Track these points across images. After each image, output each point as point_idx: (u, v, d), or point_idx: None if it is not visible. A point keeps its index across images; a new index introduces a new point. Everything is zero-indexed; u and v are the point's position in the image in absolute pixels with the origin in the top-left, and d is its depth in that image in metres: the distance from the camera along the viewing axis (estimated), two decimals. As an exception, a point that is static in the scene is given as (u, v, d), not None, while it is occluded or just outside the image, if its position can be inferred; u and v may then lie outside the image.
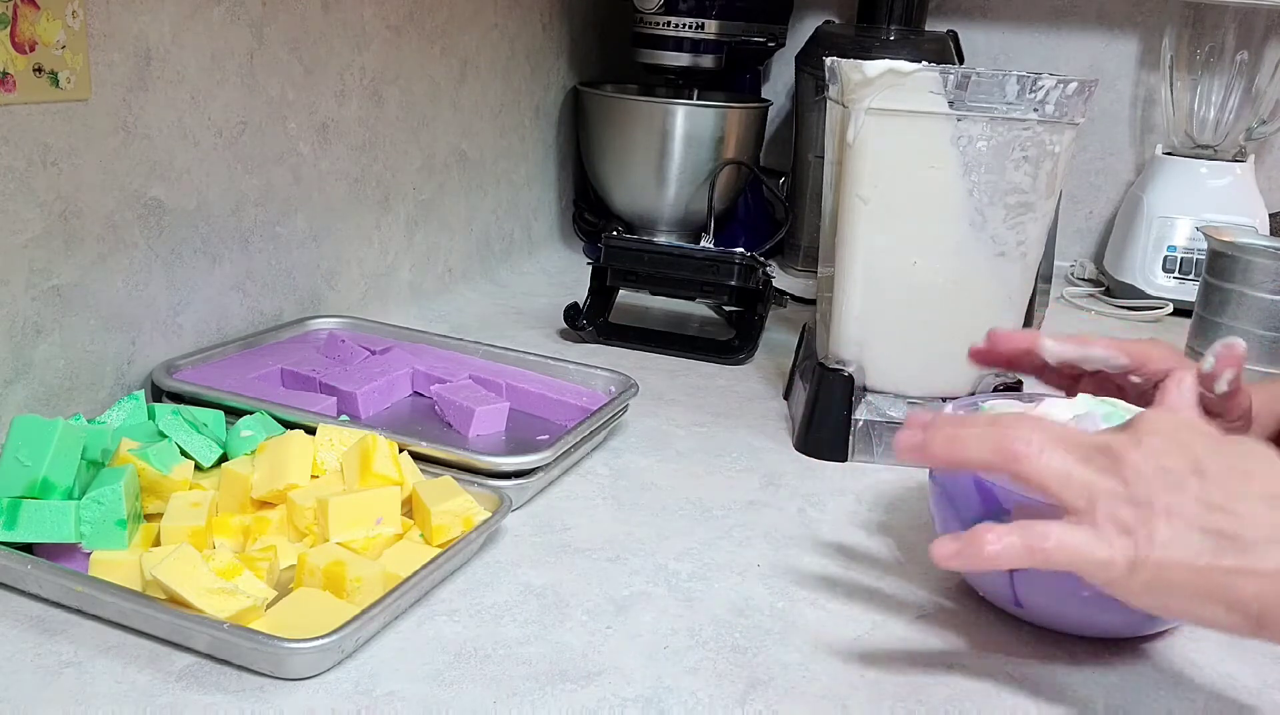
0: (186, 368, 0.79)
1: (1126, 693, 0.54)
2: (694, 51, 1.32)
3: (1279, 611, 0.42)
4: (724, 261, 1.01)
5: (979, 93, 0.72)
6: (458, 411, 0.78)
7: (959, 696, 0.53)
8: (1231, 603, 0.42)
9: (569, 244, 1.43)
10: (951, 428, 0.49)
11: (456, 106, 1.14)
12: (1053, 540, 0.45)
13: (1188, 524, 0.43)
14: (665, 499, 0.72)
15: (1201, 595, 0.43)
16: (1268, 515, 0.43)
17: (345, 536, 0.59)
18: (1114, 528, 0.44)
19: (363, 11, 0.97)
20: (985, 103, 0.72)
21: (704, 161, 1.31)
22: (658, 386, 0.93)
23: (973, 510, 0.58)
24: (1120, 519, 0.44)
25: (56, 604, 0.54)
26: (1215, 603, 0.43)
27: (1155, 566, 0.43)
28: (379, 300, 1.06)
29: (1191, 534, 0.43)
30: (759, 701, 0.51)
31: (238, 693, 0.49)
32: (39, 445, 0.55)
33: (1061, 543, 0.45)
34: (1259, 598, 0.42)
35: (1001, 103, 0.72)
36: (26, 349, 0.70)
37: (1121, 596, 0.45)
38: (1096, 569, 0.45)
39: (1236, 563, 0.42)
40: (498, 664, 0.52)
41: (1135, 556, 0.44)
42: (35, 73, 0.67)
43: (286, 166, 0.91)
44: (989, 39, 1.44)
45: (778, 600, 0.60)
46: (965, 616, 0.60)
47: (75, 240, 0.72)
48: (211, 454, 0.66)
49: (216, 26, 0.81)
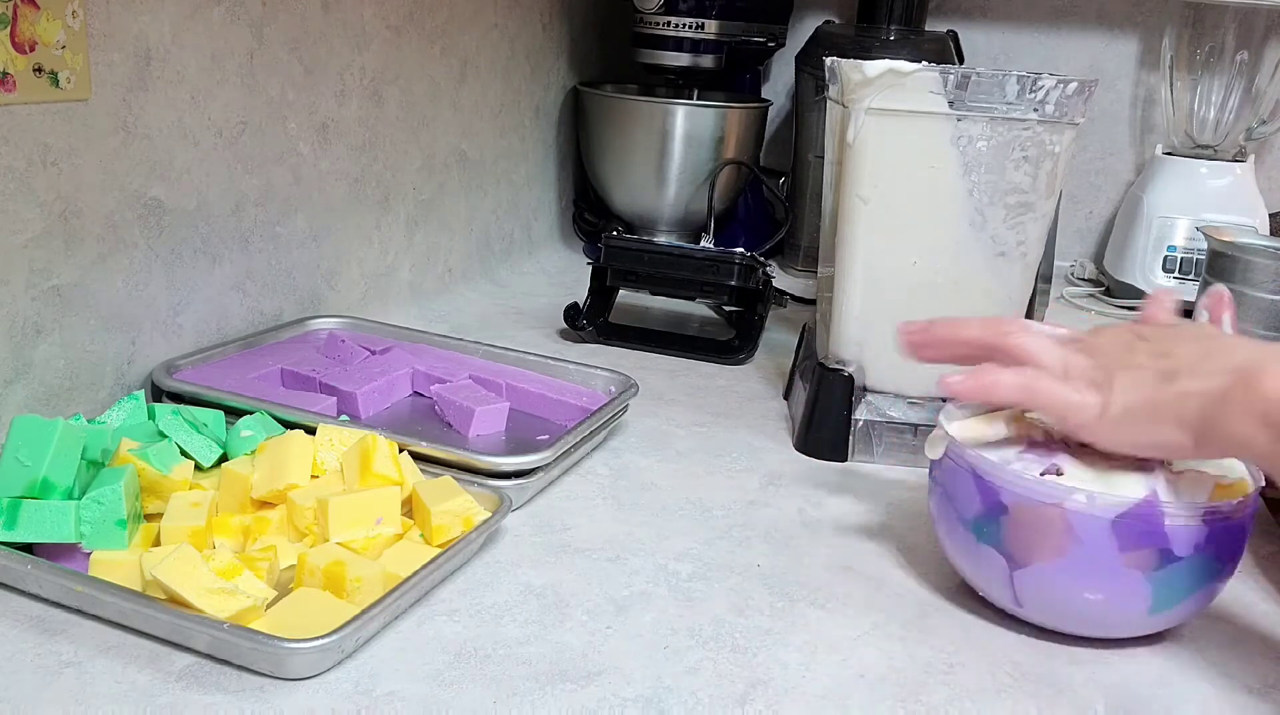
0: (186, 368, 0.79)
1: (1126, 693, 0.54)
2: (694, 51, 1.32)
3: (1211, 421, 0.50)
4: (724, 261, 1.01)
5: (979, 93, 0.72)
6: (458, 411, 0.78)
7: (959, 696, 0.53)
8: (1180, 420, 0.52)
9: (569, 244, 1.43)
10: (949, 320, 0.61)
11: (456, 106, 1.14)
12: (1043, 382, 0.56)
13: (1141, 372, 0.54)
14: (665, 499, 0.72)
15: (1158, 420, 0.52)
16: (1195, 349, 0.54)
17: (345, 536, 0.59)
18: (1086, 383, 0.55)
19: (363, 11, 0.97)
20: (985, 103, 0.72)
21: (704, 161, 1.31)
22: (658, 386, 0.93)
23: (973, 508, 0.58)
24: (1091, 379, 0.55)
25: (56, 604, 0.54)
26: (1168, 423, 0.52)
27: (1120, 406, 0.54)
28: (379, 300, 1.06)
29: (1145, 378, 0.54)
30: (759, 701, 0.51)
31: (238, 693, 0.49)
32: (39, 445, 0.55)
33: (1049, 386, 0.56)
34: (1199, 411, 0.51)
35: (1001, 103, 0.72)
36: (26, 349, 0.70)
37: (1094, 436, 0.55)
38: (1074, 409, 0.55)
39: (1179, 387, 0.52)
40: (498, 664, 0.52)
41: (1103, 401, 0.54)
42: (35, 73, 0.67)
43: (286, 166, 0.91)
44: (989, 39, 1.44)
45: (778, 600, 0.60)
46: (965, 616, 0.60)
47: (75, 240, 0.72)
48: (211, 454, 0.66)
49: (216, 26, 0.81)
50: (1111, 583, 0.55)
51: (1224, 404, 0.50)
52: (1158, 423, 0.52)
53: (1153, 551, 0.54)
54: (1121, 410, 0.54)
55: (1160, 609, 0.56)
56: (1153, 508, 0.54)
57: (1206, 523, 0.54)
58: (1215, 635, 0.60)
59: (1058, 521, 0.55)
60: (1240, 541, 0.57)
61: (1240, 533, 0.56)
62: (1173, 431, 0.52)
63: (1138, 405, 0.53)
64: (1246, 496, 0.55)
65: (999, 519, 0.57)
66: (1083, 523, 0.54)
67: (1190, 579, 0.55)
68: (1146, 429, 0.53)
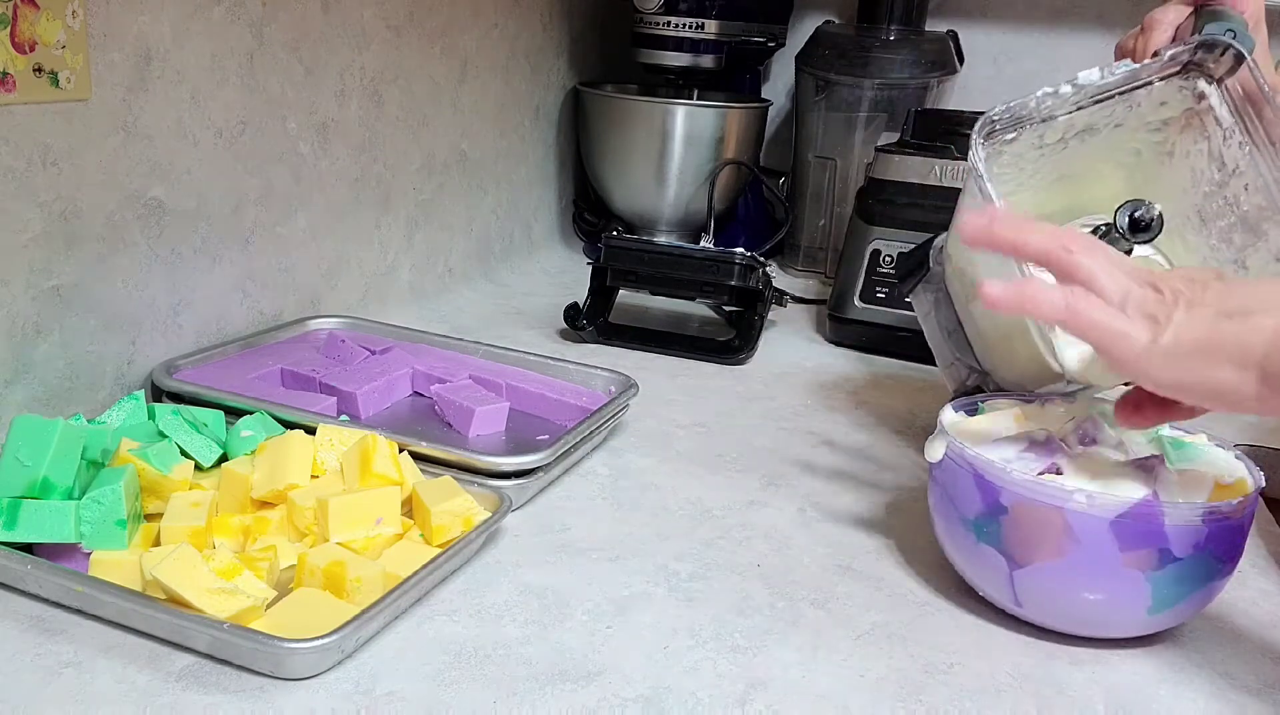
0: (186, 368, 0.79)
1: (1126, 693, 0.54)
2: (694, 51, 1.32)
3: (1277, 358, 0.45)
4: (724, 261, 1.01)
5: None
6: (458, 411, 0.78)
7: (959, 696, 0.53)
8: (1240, 359, 0.46)
9: (569, 244, 1.43)
10: (1015, 220, 0.54)
11: (456, 106, 1.14)
12: (1089, 305, 0.50)
13: (1204, 310, 0.48)
14: (665, 499, 0.72)
15: (1213, 358, 0.47)
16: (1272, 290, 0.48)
17: (345, 536, 0.59)
18: (1140, 315, 0.50)
19: (363, 11, 0.97)
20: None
21: (704, 161, 1.31)
22: (658, 386, 0.93)
23: (974, 508, 0.58)
24: (1148, 311, 0.50)
25: (56, 604, 0.54)
26: (1225, 362, 0.47)
27: (1171, 340, 0.48)
28: (379, 300, 1.06)
29: (1206, 315, 0.48)
30: (759, 701, 0.51)
31: (238, 693, 0.49)
32: (39, 445, 0.55)
33: (1095, 310, 0.50)
34: (1264, 347, 0.46)
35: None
36: (26, 349, 0.70)
37: (1140, 372, 0.50)
38: (1116, 338, 0.50)
39: (1245, 325, 0.47)
40: (498, 664, 0.52)
41: (1153, 337, 0.49)
42: (35, 73, 0.67)
43: (286, 166, 0.91)
44: (989, 39, 1.44)
45: (778, 600, 0.60)
46: (965, 616, 0.60)
47: (75, 240, 0.72)
48: (211, 454, 0.66)
49: (216, 26, 0.81)
50: (1111, 583, 0.55)
51: None
52: (1215, 362, 0.47)
53: (1152, 551, 0.54)
54: (1171, 345, 0.48)
55: (1160, 609, 0.56)
56: (1152, 508, 0.54)
57: (1206, 523, 0.54)
58: (1215, 635, 0.60)
59: (1057, 521, 0.55)
60: (1240, 541, 0.57)
61: (1240, 533, 0.56)
62: (1232, 373, 0.47)
63: (1190, 340, 0.48)
64: (1246, 496, 0.55)
65: (999, 519, 0.57)
66: (1082, 523, 0.54)
67: (1190, 579, 0.55)
68: (1198, 366, 0.48)
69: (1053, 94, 0.67)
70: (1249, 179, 0.68)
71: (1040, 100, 0.67)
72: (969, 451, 0.58)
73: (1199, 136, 0.70)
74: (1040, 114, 0.68)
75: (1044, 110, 0.68)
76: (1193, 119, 0.70)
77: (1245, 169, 0.68)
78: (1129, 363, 0.50)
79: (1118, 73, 0.67)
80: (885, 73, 1.27)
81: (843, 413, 0.90)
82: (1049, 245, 0.52)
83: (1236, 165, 0.68)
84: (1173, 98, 0.70)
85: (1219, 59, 0.67)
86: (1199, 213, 0.71)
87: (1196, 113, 0.70)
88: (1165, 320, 0.49)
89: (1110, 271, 0.51)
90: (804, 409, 0.91)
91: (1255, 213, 0.68)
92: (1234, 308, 0.48)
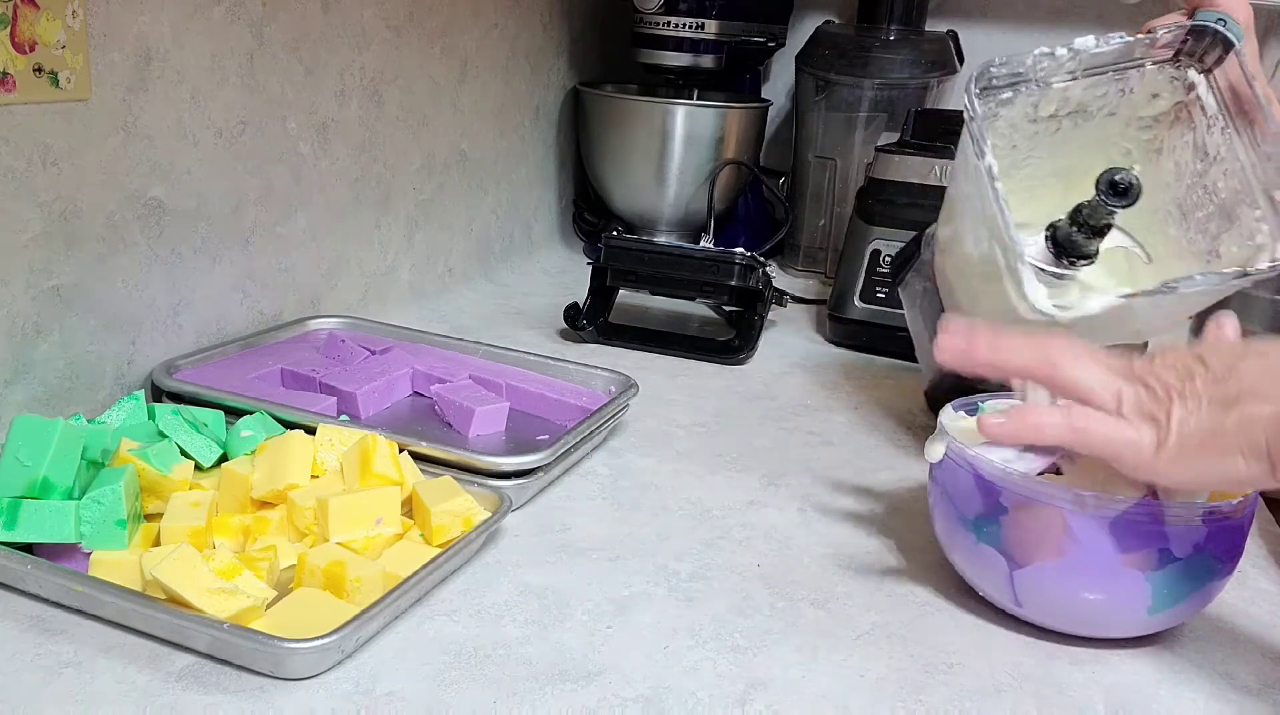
0: (186, 368, 0.79)
1: (1126, 693, 0.54)
2: (694, 51, 1.32)
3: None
4: (724, 261, 1.01)
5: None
6: (458, 411, 0.78)
7: (959, 696, 0.53)
8: (1248, 449, 0.48)
9: (569, 244, 1.43)
10: (992, 336, 0.55)
11: (456, 106, 1.14)
12: (1092, 423, 0.52)
13: (1199, 400, 0.50)
14: (665, 499, 0.72)
15: (1222, 451, 0.49)
16: (1258, 367, 0.49)
17: (345, 536, 0.59)
18: (1140, 418, 0.51)
19: (363, 11, 0.97)
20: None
21: (704, 161, 1.31)
22: (658, 386, 0.93)
23: (973, 508, 0.58)
24: (1145, 411, 0.51)
25: (56, 604, 0.54)
26: (1235, 454, 0.48)
27: (1177, 440, 0.50)
28: (379, 300, 1.06)
29: (1203, 406, 0.49)
30: (759, 701, 0.51)
31: (238, 693, 0.49)
32: (39, 445, 0.55)
33: (1099, 426, 0.52)
34: (1266, 437, 0.47)
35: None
36: (26, 349, 0.70)
37: (1155, 475, 0.51)
38: (1127, 448, 0.51)
39: (1242, 413, 0.48)
40: (498, 664, 0.52)
41: (1159, 436, 0.50)
42: (35, 73, 0.67)
43: (286, 166, 0.91)
44: (989, 39, 1.44)
45: (778, 600, 0.60)
46: (965, 616, 0.60)
47: (75, 240, 0.72)
48: (211, 454, 0.66)
49: (216, 26, 0.81)
50: (1111, 583, 0.55)
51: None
52: (1225, 455, 0.48)
53: (1152, 551, 0.54)
54: (1178, 445, 0.50)
55: (1160, 609, 0.56)
56: (1152, 508, 0.54)
57: (1206, 523, 0.54)
58: (1215, 635, 0.60)
59: (1057, 522, 0.55)
60: (1240, 541, 0.57)
61: (1240, 533, 0.56)
62: (1243, 464, 0.48)
63: (1196, 437, 0.49)
64: (1246, 496, 0.55)
65: (999, 519, 0.57)
66: (1082, 523, 0.54)
67: (1190, 579, 0.55)
68: (1210, 462, 0.49)
69: (1049, 55, 0.68)
70: (1227, 165, 0.69)
71: (1037, 59, 0.68)
72: (969, 451, 0.58)
73: (1186, 129, 0.72)
74: (1036, 74, 0.69)
75: (1040, 71, 0.69)
76: (1181, 112, 0.71)
77: (1225, 155, 0.69)
78: (1142, 468, 0.51)
79: (1113, 43, 0.68)
80: (885, 73, 1.27)
81: (843, 413, 0.90)
82: (1031, 361, 0.54)
83: (1218, 152, 0.69)
84: (1164, 89, 0.71)
85: (1209, 46, 0.68)
86: (1180, 206, 0.73)
87: (1185, 105, 0.71)
88: (1166, 419, 0.50)
89: (1099, 378, 0.52)
90: (804, 409, 0.91)
91: (1231, 197, 0.69)
92: (1228, 396, 0.49)
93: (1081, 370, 0.53)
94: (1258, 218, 0.66)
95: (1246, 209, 0.67)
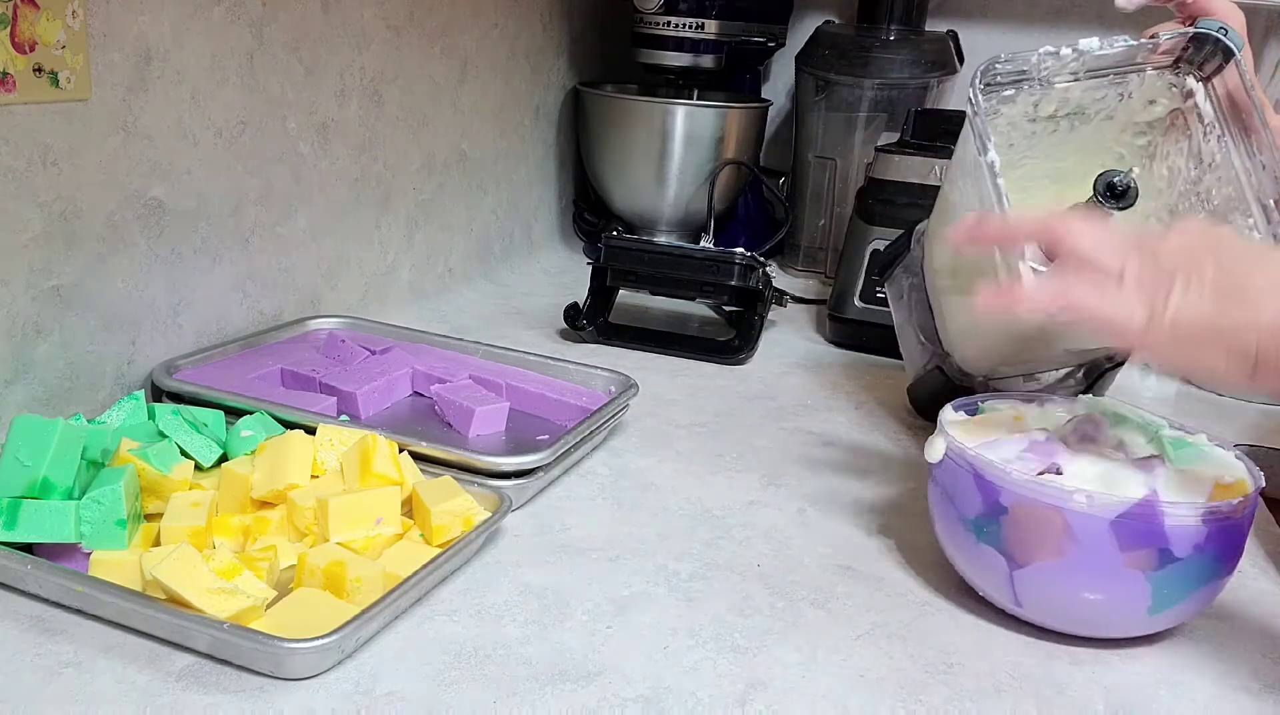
0: (186, 368, 0.79)
1: (1126, 693, 0.54)
2: (694, 51, 1.32)
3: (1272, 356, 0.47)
4: (724, 261, 1.01)
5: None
6: (458, 411, 0.78)
7: (959, 696, 0.53)
8: (1232, 349, 0.48)
9: (569, 244, 1.43)
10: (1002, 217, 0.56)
11: (456, 106, 1.14)
12: (1081, 293, 0.51)
13: (1201, 288, 0.49)
14: (665, 499, 0.72)
15: (1207, 344, 0.49)
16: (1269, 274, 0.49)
17: (345, 536, 0.59)
18: (1136, 287, 0.50)
19: (363, 11, 0.97)
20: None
21: (704, 161, 1.31)
22: (658, 386, 0.93)
23: (974, 508, 0.58)
24: (1144, 281, 0.50)
25: (56, 604, 0.54)
26: (1218, 349, 0.49)
27: (1170, 322, 0.49)
28: (379, 300, 1.06)
29: (1204, 296, 0.49)
30: (759, 701, 0.51)
31: (238, 693, 0.49)
32: (39, 445, 0.55)
33: (1088, 296, 0.51)
34: (1258, 344, 0.48)
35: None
36: (26, 349, 0.70)
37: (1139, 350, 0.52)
38: (1118, 322, 0.51)
39: (1240, 316, 0.48)
40: (498, 664, 0.52)
41: (1151, 315, 0.50)
42: (35, 73, 0.67)
43: (286, 166, 0.91)
44: (989, 39, 1.44)
45: (778, 600, 0.60)
46: (965, 616, 0.60)
47: (75, 240, 0.72)
48: (211, 454, 0.66)
49: (216, 26, 0.81)
50: (1111, 583, 0.55)
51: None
52: (1208, 348, 0.49)
53: (1152, 551, 0.54)
54: (1170, 326, 0.50)
55: (1160, 609, 0.56)
56: (1152, 508, 0.54)
57: (1206, 523, 0.54)
58: (1215, 635, 0.60)
59: (1057, 521, 0.55)
60: (1240, 541, 0.57)
61: (1240, 533, 0.56)
62: (1223, 359, 0.49)
63: (1187, 325, 0.49)
64: (1246, 496, 0.55)
65: (999, 519, 0.57)
66: (1082, 523, 0.54)
67: (1190, 579, 0.55)
68: (1194, 353, 0.50)
69: (1053, 54, 0.68)
70: (1222, 172, 0.69)
71: (1041, 58, 0.68)
72: (969, 451, 0.58)
73: (1181, 135, 0.72)
74: (1039, 73, 0.70)
75: (1044, 70, 0.69)
76: (1177, 119, 0.72)
77: (1220, 162, 0.70)
78: (1128, 340, 0.52)
79: (1116, 46, 0.69)
80: (885, 73, 1.27)
81: (843, 413, 0.90)
82: (1041, 224, 0.54)
83: (1213, 159, 0.70)
84: (1162, 95, 0.71)
85: (1209, 54, 0.69)
86: (1171, 212, 0.73)
87: (1182, 112, 0.72)
88: (1165, 297, 0.50)
89: (1106, 243, 0.52)
90: (804, 409, 0.91)
91: (1224, 204, 0.69)
92: (1231, 291, 0.49)
93: (1089, 235, 0.53)
94: (1250, 224, 0.67)
95: (1239, 217, 0.68)
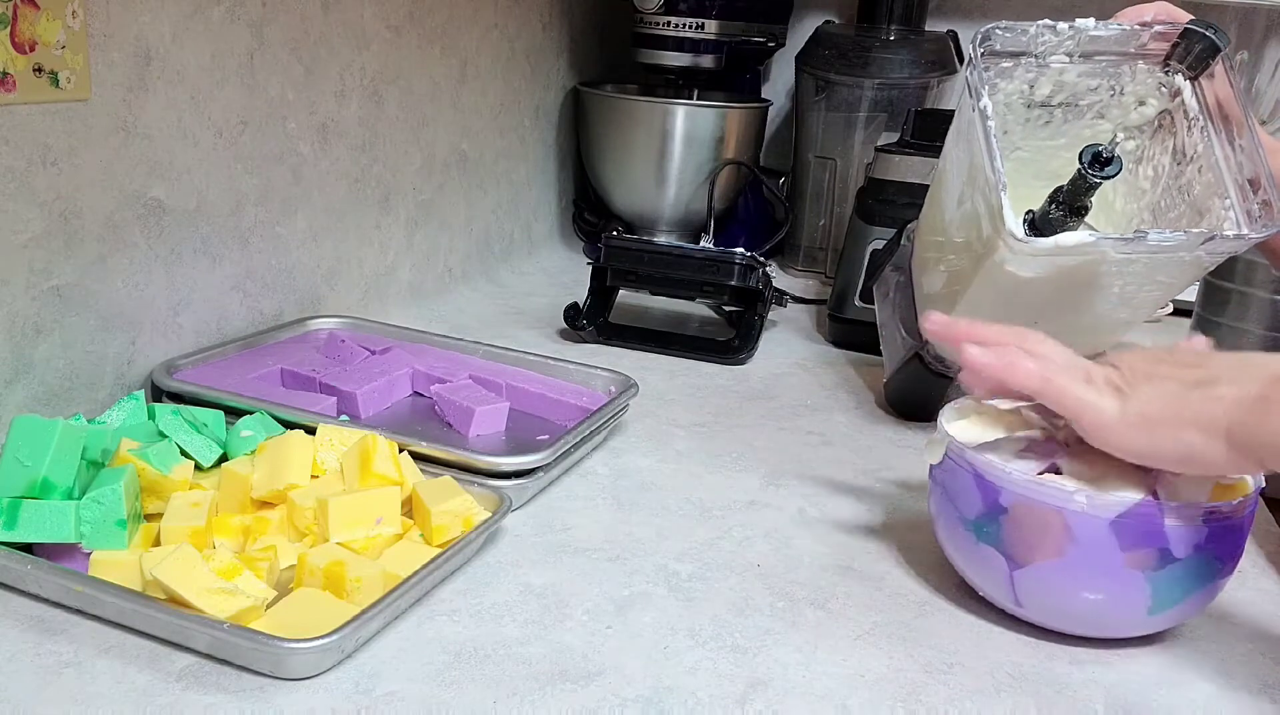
0: (186, 368, 0.79)
1: (1126, 693, 0.54)
2: (694, 51, 1.32)
3: (1240, 426, 0.49)
4: (724, 261, 1.01)
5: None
6: (458, 411, 0.78)
7: (959, 696, 0.53)
8: (1204, 425, 0.50)
9: (569, 244, 1.43)
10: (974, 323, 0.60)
11: (456, 106, 1.14)
12: (1062, 377, 0.55)
13: (1166, 383, 0.52)
14: (665, 499, 0.72)
15: (1179, 423, 0.51)
16: (1230, 360, 0.53)
17: (345, 536, 0.59)
18: (1108, 387, 0.54)
19: (363, 11, 0.97)
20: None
21: (704, 161, 1.31)
22: (658, 386, 0.93)
23: (974, 508, 0.58)
24: (1113, 383, 0.54)
25: (56, 604, 0.54)
26: (1191, 428, 0.50)
27: (1139, 408, 0.52)
28: (379, 300, 1.06)
29: (1169, 387, 0.52)
30: (759, 701, 0.51)
31: (238, 693, 0.49)
32: (39, 445, 0.55)
33: (1067, 381, 0.54)
34: (1226, 416, 0.49)
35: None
36: (26, 349, 0.70)
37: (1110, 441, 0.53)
38: (1089, 409, 0.53)
39: (1204, 393, 0.50)
40: (498, 664, 0.52)
41: (1122, 403, 0.53)
42: (35, 73, 0.67)
43: (286, 166, 0.91)
44: (989, 39, 1.44)
45: (778, 600, 0.60)
46: (965, 616, 0.60)
47: (75, 240, 0.72)
48: (211, 454, 0.66)
49: (216, 26, 0.81)
50: (1111, 583, 0.55)
51: (1265, 405, 0.48)
52: (1182, 427, 0.50)
53: (1152, 551, 0.54)
54: (1139, 414, 0.52)
55: (1160, 609, 0.56)
56: (1152, 508, 0.54)
57: (1206, 523, 0.54)
58: (1215, 635, 0.60)
59: (1057, 521, 0.55)
60: (1240, 541, 0.57)
61: (1240, 533, 0.56)
62: (1199, 437, 0.50)
63: (1156, 407, 0.52)
64: (1246, 496, 0.55)
65: (999, 519, 0.57)
66: (1082, 523, 0.54)
67: (1190, 579, 0.55)
68: (1166, 433, 0.51)
69: (1050, 28, 0.69)
70: (1203, 161, 0.70)
71: (1039, 30, 0.69)
72: (969, 452, 0.58)
73: (1167, 135, 0.73)
74: (1036, 48, 0.70)
75: (1041, 44, 0.70)
76: (1165, 119, 0.73)
77: (1201, 152, 0.70)
78: (1101, 430, 0.53)
79: (1111, 28, 0.70)
80: (885, 73, 1.27)
81: (843, 413, 0.90)
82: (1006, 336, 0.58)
83: (1195, 150, 0.71)
84: (1152, 95, 0.72)
85: (1199, 52, 0.69)
86: (1153, 210, 0.74)
87: (1170, 112, 0.72)
88: (1131, 392, 0.53)
89: (1070, 357, 0.56)
90: (804, 409, 0.91)
91: (1203, 191, 0.70)
92: (1194, 379, 0.51)
93: (1052, 346, 0.57)
94: (1226, 206, 0.68)
95: (1217, 200, 0.69)
